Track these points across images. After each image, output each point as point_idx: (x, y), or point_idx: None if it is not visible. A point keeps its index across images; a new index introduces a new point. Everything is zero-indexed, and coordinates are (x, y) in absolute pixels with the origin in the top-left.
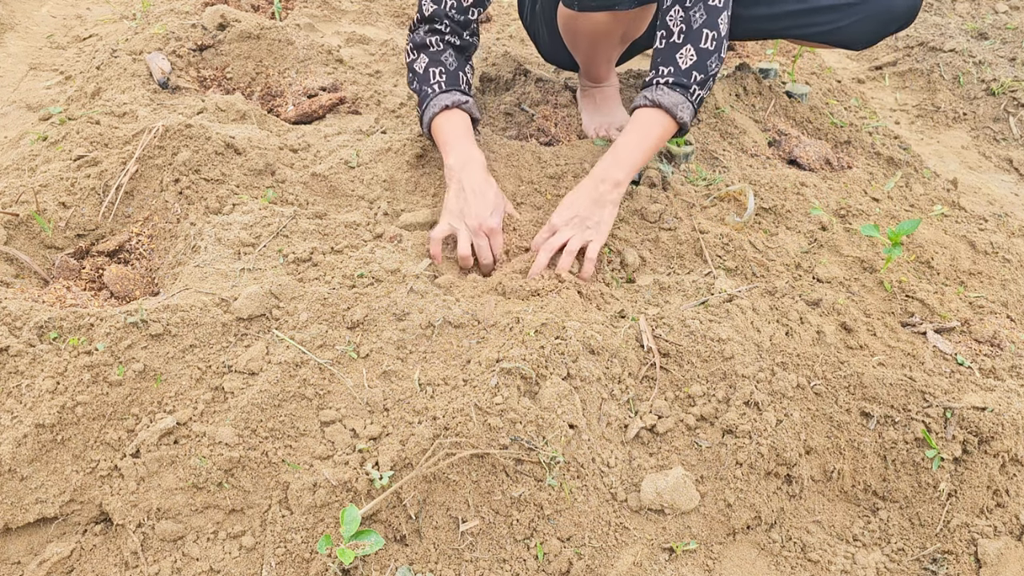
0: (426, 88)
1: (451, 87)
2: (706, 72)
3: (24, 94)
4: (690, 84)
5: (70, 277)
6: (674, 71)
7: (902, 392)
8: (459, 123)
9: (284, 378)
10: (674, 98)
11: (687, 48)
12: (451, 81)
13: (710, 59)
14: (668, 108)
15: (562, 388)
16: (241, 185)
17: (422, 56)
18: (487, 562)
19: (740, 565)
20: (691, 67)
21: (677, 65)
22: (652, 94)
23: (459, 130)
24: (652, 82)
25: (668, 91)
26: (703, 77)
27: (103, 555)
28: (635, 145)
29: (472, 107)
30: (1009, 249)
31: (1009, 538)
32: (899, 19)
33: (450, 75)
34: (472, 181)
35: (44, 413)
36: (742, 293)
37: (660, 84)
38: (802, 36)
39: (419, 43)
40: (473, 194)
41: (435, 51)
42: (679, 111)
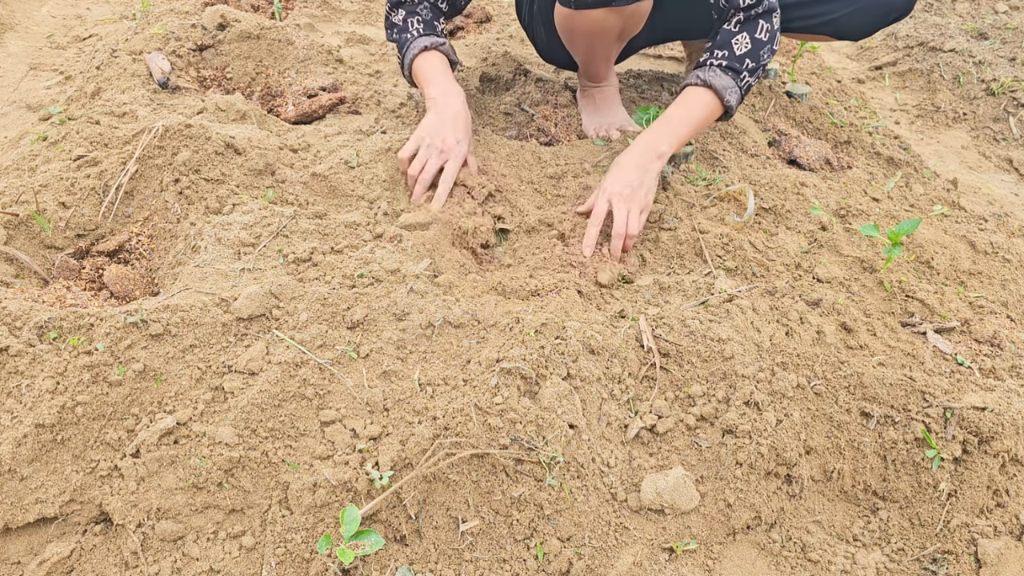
0: (404, 36)
1: (428, 32)
2: (758, 61)
3: (24, 94)
4: (741, 70)
5: (70, 277)
6: (728, 55)
7: (902, 392)
8: (438, 62)
9: (284, 378)
10: (724, 81)
11: (743, 35)
12: (428, 28)
13: (763, 49)
14: (718, 90)
15: (562, 388)
16: (241, 185)
17: (400, 10)
18: (487, 562)
19: (740, 565)
20: (745, 54)
21: (732, 50)
22: (704, 74)
23: (438, 68)
24: (706, 63)
25: (720, 73)
26: (754, 65)
27: (103, 555)
28: (682, 120)
29: (449, 49)
30: (1009, 249)
31: (1009, 538)
32: (896, 10)
33: (427, 23)
34: (449, 109)
35: (44, 413)
36: (742, 293)
37: (713, 65)
38: (800, 29)
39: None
40: (445, 120)
41: (411, 4)
42: (727, 94)
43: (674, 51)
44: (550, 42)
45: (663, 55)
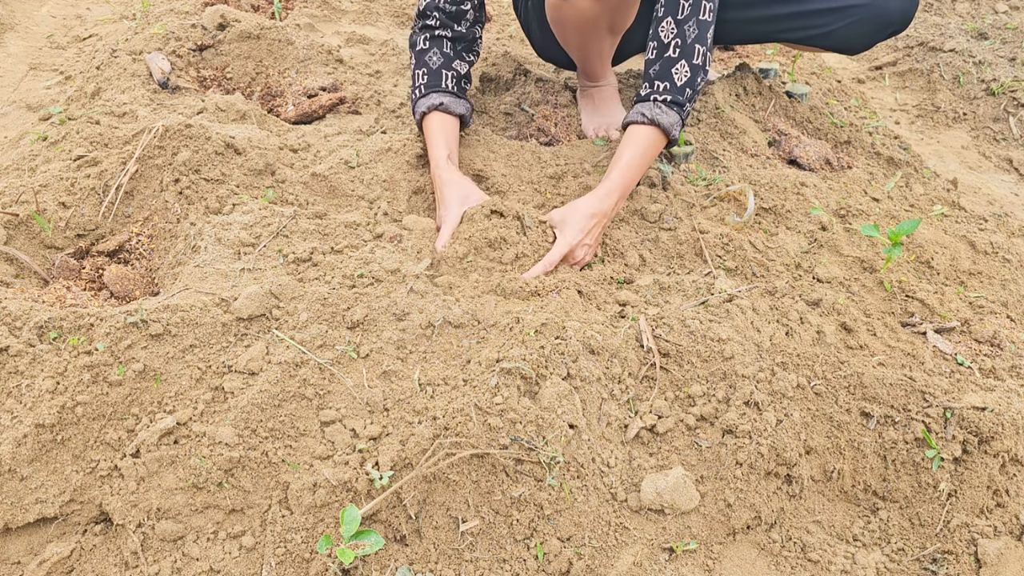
0: (413, 93)
1: (431, 89)
2: (694, 88)
3: (24, 94)
4: (684, 102)
5: (70, 277)
6: (670, 88)
7: (902, 392)
8: (435, 127)
9: (284, 378)
10: (671, 117)
11: (682, 63)
12: (432, 82)
13: (699, 75)
14: (666, 128)
15: (562, 388)
16: (241, 185)
17: (412, 56)
18: (487, 562)
19: (740, 565)
20: (685, 84)
21: (673, 81)
22: (650, 112)
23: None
24: (649, 97)
25: (665, 109)
26: (692, 93)
27: (103, 555)
28: (637, 164)
29: (450, 105)
30: (1009, 249)
31: (1009, 538)
32: (893, 24)
33: (432, 75)
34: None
35: (44, 413)
36: (742, 293)
37: (658, 101)
38: (796, 40)
39: (411, 43)
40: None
41: (421, 50)
42: (674, 131)
43: None
44: (544, 38)
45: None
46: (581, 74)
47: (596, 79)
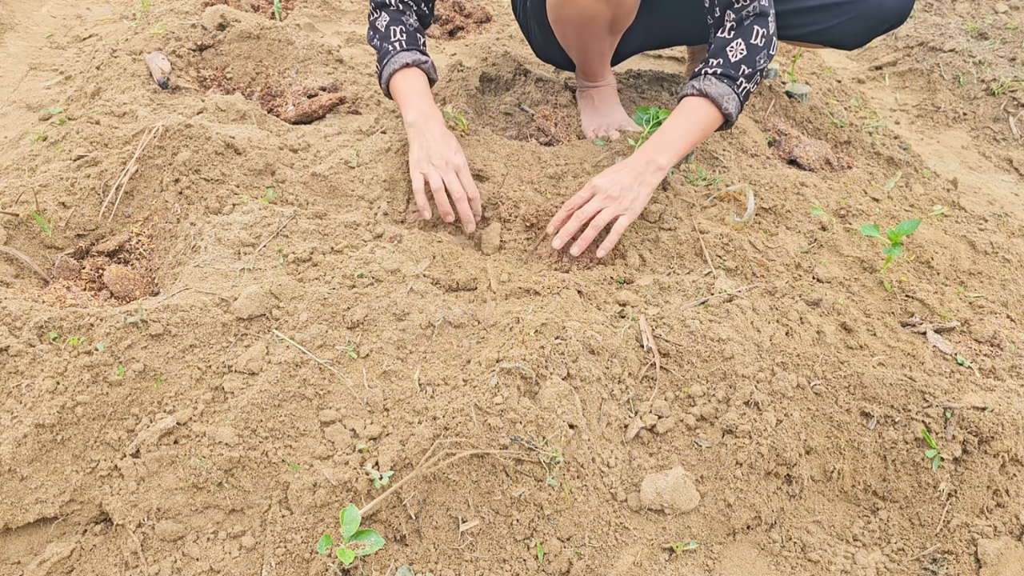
0: (386, 45)
1: (411, 46)
2: (754, 67)
3: (24, 94)
4: (737, 76)
5: (70, 277)
6: (723, 63)
7: (902, 392)
8: (417, 81)
9: (284, 378)
10: (720, 88)
11: (737, 42)
12: (411, 41)
13: (759, 55)
14: (714, 98)
15: (562, 388)
16: (241, 185)
17: (383, 14)
18: (487, 562)
19: (740, 565)
20: (740, 60)
21: (726, 57)
22: (700, 83)
23: (417, 87)
24: (700, 72)
25: (715, 81)
26: (751, 71)
27: (103, 555)
28: (681, 132)
29: (430, 68)
30: (1009, 249)
31: (1009, 538)
32: (889, 19)
33: (409, 35)
34: (432, 132)
35: (44, 413)
36: (742, 293)
37: (708, 74)
38: (794, 37)
39: (382, 2)
40: (435, 141)
41: (395, 11)
42: (724, 101)
43: (674, 51)
44: (543, 38)
45: (663, 55)
46: (580, 74)
47: (595, 79)
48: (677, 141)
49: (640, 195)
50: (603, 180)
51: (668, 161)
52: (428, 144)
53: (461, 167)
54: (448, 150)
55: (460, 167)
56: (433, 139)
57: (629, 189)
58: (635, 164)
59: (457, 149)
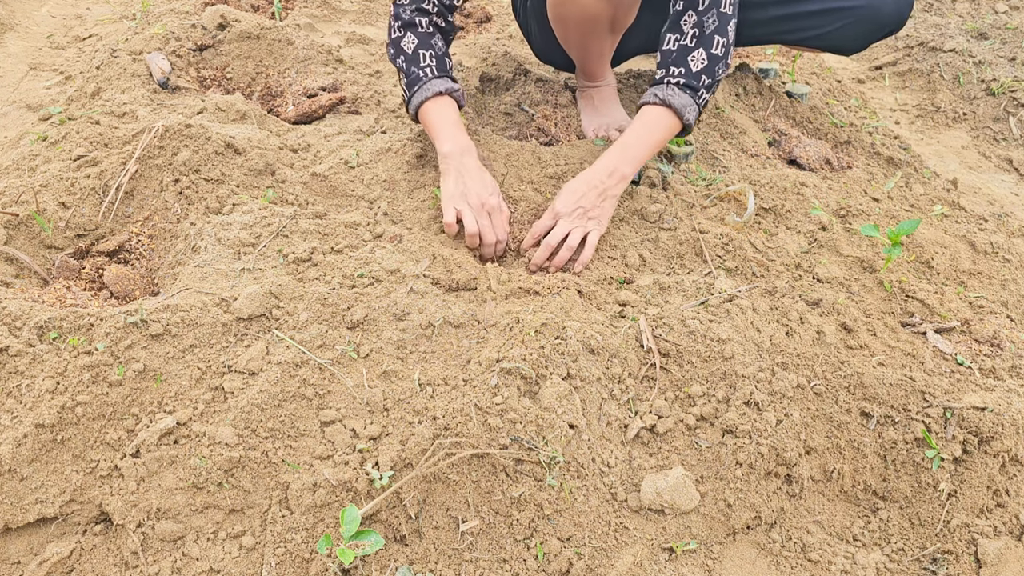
0: (415, 70)
1: (441, 73)
2: (713, 77)
3: (24, 94)
4: (699, 87)
5: (70, 277)
6: (685, 72)
7: (902, 392)
8: (450, 111)
9: (284, 378)
10: (683, 99)
11: (699, 51)
12: (440, 67)
13: (718, 64)
14: (677, 109)
15: (562, 388)
16: (241, 185)
17: (409, 35)
18: (487, 562)
19: (740, 565)
20: (701, 71)
21: (688, 67)
22: (663, 93)
23: (451, 118)
24: (662, 81)
25: (678, 92)
26: (710, 81)
27: (103, 555)
28: (643, 141)
29: (461, 96)
30: (1009, 249)
31: (1009, 538)
32: (887, 26)
33: (439, 60)
34: (469, 166)
35: (44, 413)
36: (742, 293)
37: (671, 84)
38: (791, 41)
39: (407, 21)
40: (471, 177)
41: (423, 32)
42: (686, 112)
43: None
44: (543, 38)
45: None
46: (580, 74)
47: (595, 79)
48: (639, 151)
49: (605, 208)
50: (563, 205)
51: (632, 170)
52: (465, 181)
53: (495, 209)
54: (485, 190)
55: (495, 209)
56: (470, 176)
57: (593, 206)
58: (598, 176)
59: (494, 189)
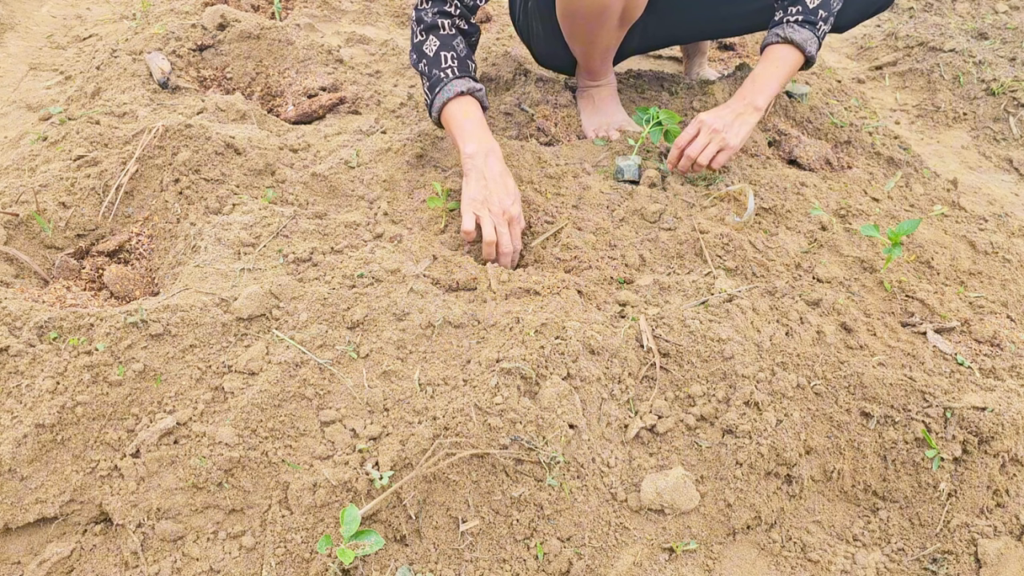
0: (437, 72)
1: (463, 73)
2: (829, 10)
3: (24, 94)
4: (817, 21)
5: (70, 277)
6: (802, 9)
7: (902, 392)
8: (474, 111)
9: (284, 378)
10: (804, 34)
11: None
12: (463, 68)
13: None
14: (799, 43)
15: (562, 388)
16: (241, 185)
17: (432, 38)
18: (487, 562)
19: (740, 565)
20: (818, 5)
21: (805, 4)
22: (784, 31)
23: (475, 118)
24: (782, 20)
25: (798, 28)
26: (826, 14)
27: (103, 555)
28: (772, 76)
29: (484, 96)
30: (1009, 249)
31: (1009, 538)
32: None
33: (461, 61)
34: (493, 170)
35: (44, 413)
36: (742, 293)
37: (790, 22)
38: None
39: (429, 24)
40: (495, 183)
41: (446, 35)
42: (808, 46)
43: (674, 51)
44: (547, 37)
45: (663, 55)
46: (582, 73)
47: (597, 77)
48: (770, 84)
49: (741, 132)
50: (708, 116)
51: (764, 102)
52: (488, 185)
53: (515, 219)
54: (507, 198)
55: (515, 219)
56: (493, 181)
57: (731, 125)
58: (734, 105)
59: (515, 197)
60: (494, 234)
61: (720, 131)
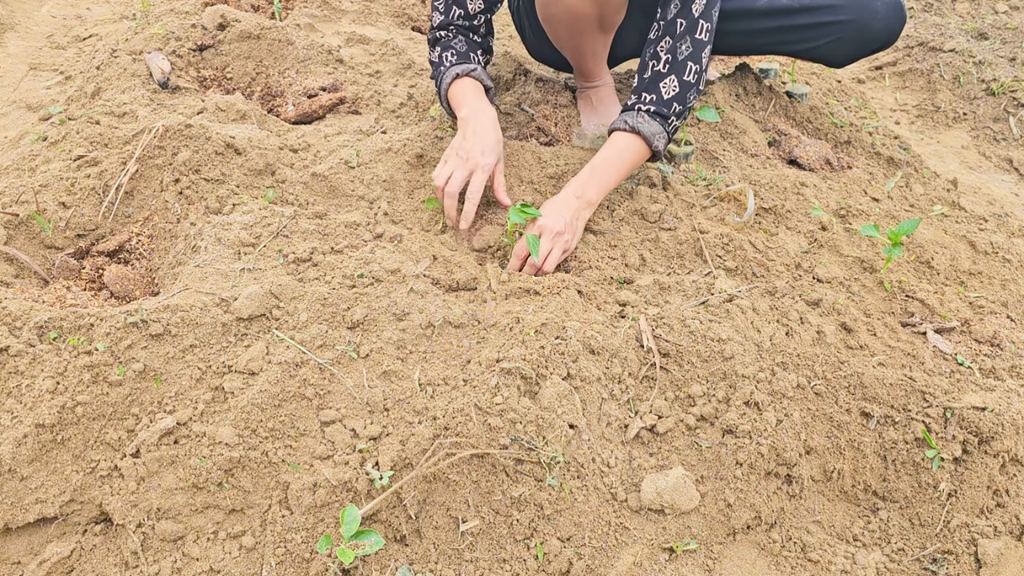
0: (440, 70)
1: (461, 62)
2: (684, 104)
3: (24, 94)
4: (669, 115)
5: (70, 277)
6: (656, 100)
7: (902, 392)
8: (470, 86)
9: (284, 378)
10: (653, 127)
11: (671, 78)
12: (461, 59)
13: (690, 92)
14: (646, 137)
15: (562, 388)
16: (241, 185)
17: (437, 48)
18: (487, 562)
19: (740, 565)
20: (672, 98)
21: (660, 95)
22: (633, 120)
23: (470, 91)
24: (634, 107)
25: (648, 120)
26: (681, 108)
27: (103, 555)
28: (611, 168)
29: (482, 74)
30: (1009, 249)
31: (1009, 538)
32: (876, 41)
33: (460, 55)
34: (478, 125)
35: (44, 413)
36: (742, 293)
37: (641, 111)
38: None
39: (432, 40)
40: (474, 135)
41: (446, 41)
42: (655, 140)
43: None
44: (536, 37)
45: None
46: (578, 74)
47: (592, 79)
48: (607, 178)
49: (575, 229)
50: (548, 220)
51: (597, 197)
52: (467, 137)
53: (480, 167)
54: (478, 148)
55: (479, 167)
56: (474, 134)
57: (570, 225)
58: (570, 202)
59: (490, 148)
60: (444, 178)
61: (563, 233)
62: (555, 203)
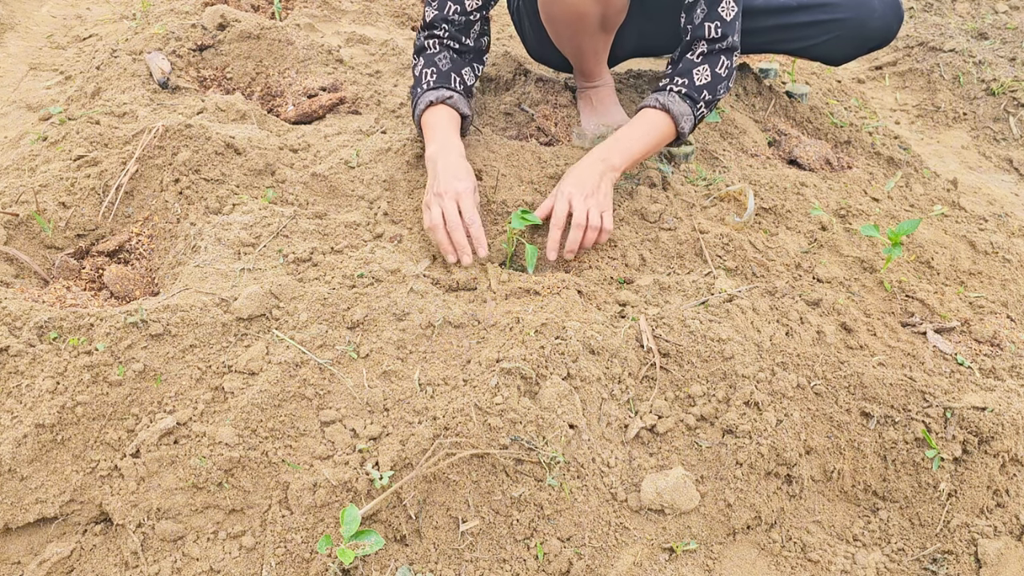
0: (417, 89)
1: (439, 85)
2: (714, 94)
3: (24, 94)
4: (698, 99)
5: (70, 277)
6: (687, 84)
7: (902, 392)
8: (441, 116)
9: (284, 378)
10: (682, 108)
11: (704, 68)
12: (440, 80)
13: (720, 84)
14: (675, 115)
15: (562, 388)
16: (241, 185)
17: (419, 59)
18: (487, 562)
19: (740, 565)
20: (704, 85)
21: (692, 79)
22: (664, 98)
23: (440, 123)
24: (665, 88)
25: (679, 100)
26: (711, 98)
27: (103, 555)
28: (636, 139)
29: (457, 102)
30: (1009, 249)
31: (1009, 538)
32: (873, 39)
33: (441, 75)
34: (445, 162)
35: (44, 413)
36: (742, 293)
37: (672, 91)
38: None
39: (418, 47)
40: (445, 172)
41: (430, 53)
42: (682, 121)
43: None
44: (536, 37)
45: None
46: (578, 74)
47: (592, 78)
48: (631, 147)
49: (604, 189)
50: (570, 185)
51: (622, 163)
52: (438, 176)
53: (462, 193)
54: (453, 178)
55: (461, 193)
56: (443, 169)
57: (596, 187)
58: (590, 165)
59: (463, 176)
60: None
61: (592, 194)
62: (578, 168)
